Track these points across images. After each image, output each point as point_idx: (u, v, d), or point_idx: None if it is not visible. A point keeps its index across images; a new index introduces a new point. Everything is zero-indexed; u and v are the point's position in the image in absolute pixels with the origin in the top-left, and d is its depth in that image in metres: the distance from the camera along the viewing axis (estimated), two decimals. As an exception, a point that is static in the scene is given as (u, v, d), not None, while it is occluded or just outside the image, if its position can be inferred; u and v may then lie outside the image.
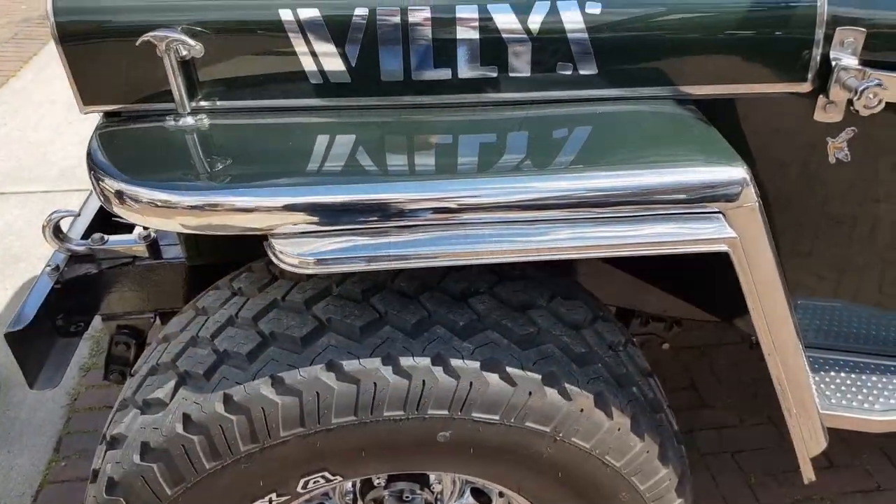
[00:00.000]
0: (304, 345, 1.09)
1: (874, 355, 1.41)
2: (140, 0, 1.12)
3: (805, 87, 1.19)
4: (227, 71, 1.15)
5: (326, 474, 1.12)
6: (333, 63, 1.15)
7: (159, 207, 1.02)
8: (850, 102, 1.16)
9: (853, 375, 1.37)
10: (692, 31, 1.15)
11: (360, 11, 1.12)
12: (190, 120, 1.14)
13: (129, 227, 1.63)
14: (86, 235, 1.56)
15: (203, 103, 1.17)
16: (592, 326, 1.22)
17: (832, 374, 1.37)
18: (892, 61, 1.17)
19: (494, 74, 1.17)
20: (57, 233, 1.49)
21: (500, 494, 1.31)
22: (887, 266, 1.41)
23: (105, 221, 1.63)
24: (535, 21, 1.13)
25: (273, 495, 1.14)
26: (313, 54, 1.14)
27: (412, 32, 1.13)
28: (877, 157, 1.28)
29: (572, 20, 1.13)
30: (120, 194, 1.03)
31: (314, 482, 1.13)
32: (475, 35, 1.14)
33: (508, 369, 1.09)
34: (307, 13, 1.12)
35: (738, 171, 1.03)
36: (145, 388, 1.15)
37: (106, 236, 1.50)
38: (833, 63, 1.16)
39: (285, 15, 1.12)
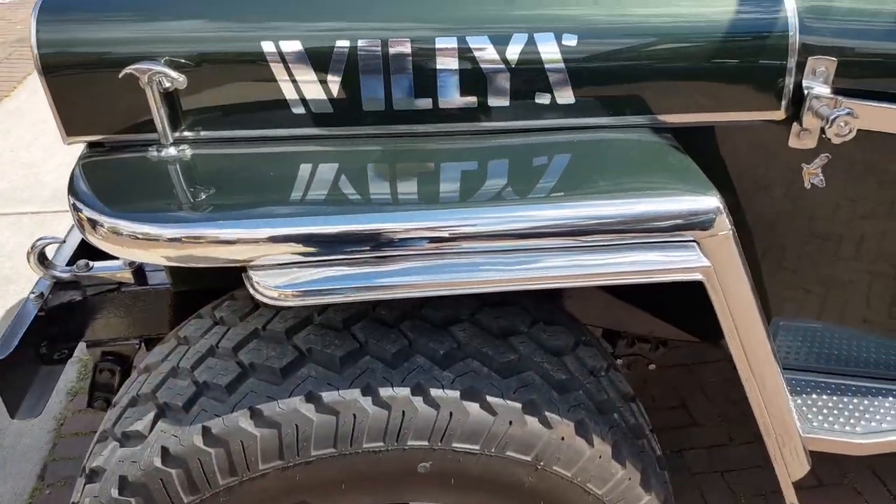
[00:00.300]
0: (283, 376, 1.09)
1: (855, 377, 1.42)
2: (123, 32, 1.13)
3: (779, 115, 1.21)
4: (210, 102, 1.17)
5: (307, 506, 1.12)
6: (315, 93, 1.16)
7: (140, 240, 1.02)
8: (823, 130, 1.17)
9: (835, 398, 1.38)
10: (666, 61, 1.17)
11: (342, 43, 1.14)
12: (172, 151, 1.15)
13: (114, 253, 1.63)
14: (71, 262, 1.56)
15: (186, 133, 1.18)
16: (574, 352, 1.23)
17: (814, 396, 1.38)
18: (864, 89, 1.19)
19: (474, 104, 1.19)
20: (42, 259, 1.49)
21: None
22: (868, 287, 1.42)
23: (90, 247, 1.63)
24: (514, 52, 1.15)
25: (254, 527, 1.13)
26: (295, 85, 1.15)
27: (393, 63, 1.15)
28: (851, 182, 1.30)
29: (549, 51, 1.15)
30: (101, 226, 1.04)
31: (295, 514, 1.13)
32: (455, 66, 1.15)
33: (489, 398, 1.09)
34: (289, 45, 1.13)
35: (711, 200, 1.05)
36: (125, 420, 1.15)
37: (91, 263, 1.50)
38: (805, 91, 1.18)
39: (267, 47, 1.13)
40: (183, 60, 1.12)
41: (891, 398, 1.38)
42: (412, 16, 1.16)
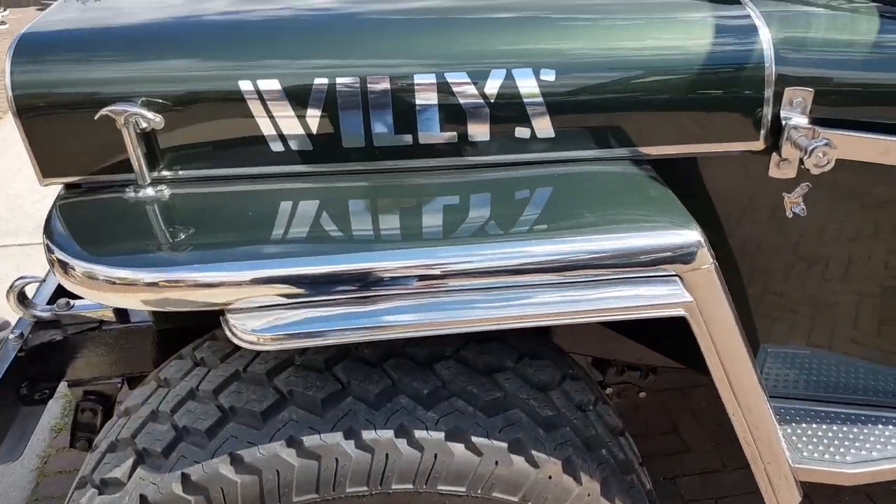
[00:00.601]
0: (264, 420, 1.07)
1: (845, 404, 1.41)
2: (99, 73, 1.12)
3: (758, 146, 1.21)
4: (187, 141, 1.16)
5: (290, 552, 1.09)
6: (294, 131, 1.16)
7: (116, 284, 1.01)
8: (802, 160, 1.18)
9: (824, 426, 1.37)
10: (644, 94, 1.17)
11: (320, 81, 1.14)
12: (150, 191, 1.14)
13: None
14: (52, 300, 1.54)
15: (165, 173, 1.17)
16: (560, 387, 1.21)
17: (803, 425, 1.36)
18: (841, 119, 1.20)
19: (455, 139, 1.18)
20: (21, 299, 1.47)
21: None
22: (854, 313, 1.41)
23: (71, 285, 1.61)
24: (493, 87, 1.15)
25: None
26: (274, 123, 1.15)
27: (372, 100, 1.15)
28: (833, 211, 1.30)
29: (527, 86, 1.15)
30: (76, 271, 1.02)
31: (277, 561, 1.10)
32: (434, 101, 1.15)
33: (474, 439, 1.07)
34: (267, 84, 1.13)
35: (692, 234, 1.04)
36: (103, 466, 1.12)
37: (72, 301, 1.48)
38: (784, 122, 1.18)
39: (245, 86, 1.13)
40: (160, 100, 1.12)
41: (880, 425, 1.37)
42: (390, 53, 1.16)
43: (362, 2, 1.30)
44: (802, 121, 1.18)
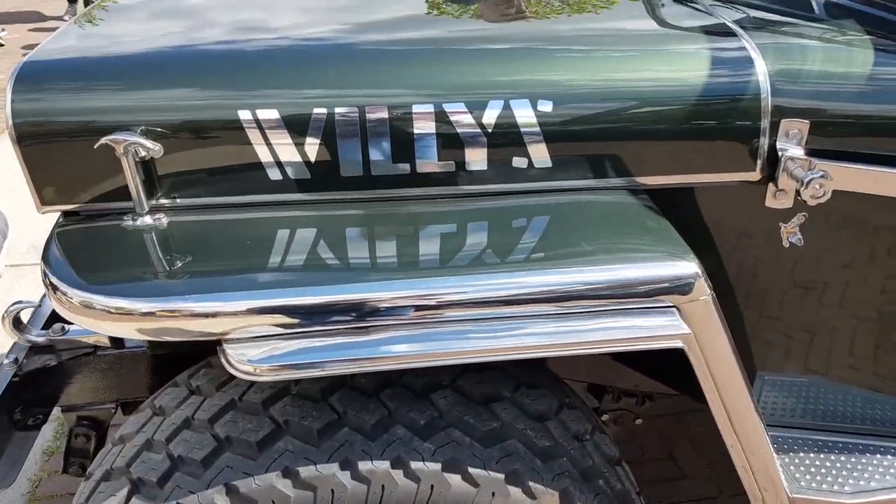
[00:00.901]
0: (260, 450, 1.06)
1: (842, 433, 1.41)
2: (99, 102, 1.13)
3: (754, 176, 1.22)
4: (186, 170, 1.16)
5: (284, 587, 1.08)
6: (293, 160, 1.16)
7: (113, 314, 1.00)
8: (798, 191, 1.18)
9: (822, 455, 1.36)
10: (641, 124, 1.18)
11: (319, 110, 1.14)
12: (148, 219, 1.14)
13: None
14: (47, 325, 1.54)
15: (163, 201, 1.17)
16: (557, 416, 1.21)
17: (801, 454, 1.36)
18: (837, 150, 1.21)
19: (452, 168, 1.19)
20: (17, 324, 1.47)
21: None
22: (851, 342, 1.42)
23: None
24: (490, 118, 1.16)
25: None
26: (272, 152, 1.15)
27: (370, 129, 1.15)
28: (830, 241, 1.30)
29: (525, 116, 1.16)
30: (72, 300, 1.02)
31: None
32: (432, 131, 1.16)
33: (470, 470, 1.07)
34: (266, 113, 1.14)
35: (690, 266, 1.05)
36: (98, 495, 1.11)
37: (67, 326, 1.48)
38: (780, 153, 1.19)
39: (244, 115, 1.13)
40: (159, 129, 1.12)
41: (879, 455, 1.37)
42: (389, 82, 1.17)
43: (360, 32, 1.31)
44: (799, 152, 1.19)
